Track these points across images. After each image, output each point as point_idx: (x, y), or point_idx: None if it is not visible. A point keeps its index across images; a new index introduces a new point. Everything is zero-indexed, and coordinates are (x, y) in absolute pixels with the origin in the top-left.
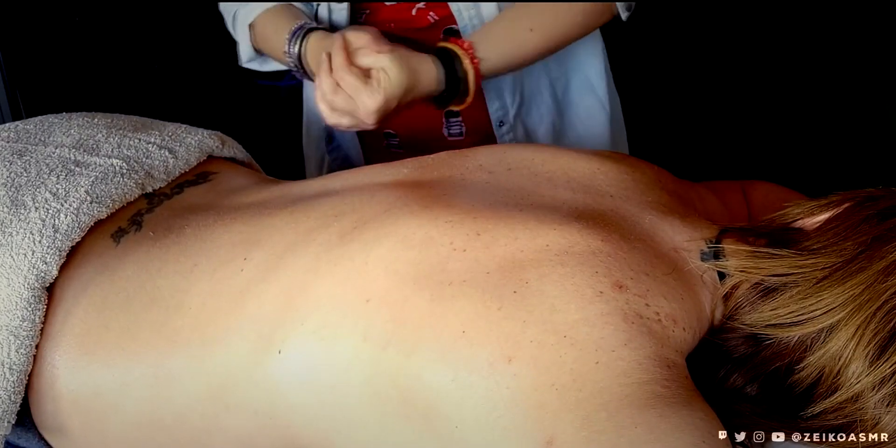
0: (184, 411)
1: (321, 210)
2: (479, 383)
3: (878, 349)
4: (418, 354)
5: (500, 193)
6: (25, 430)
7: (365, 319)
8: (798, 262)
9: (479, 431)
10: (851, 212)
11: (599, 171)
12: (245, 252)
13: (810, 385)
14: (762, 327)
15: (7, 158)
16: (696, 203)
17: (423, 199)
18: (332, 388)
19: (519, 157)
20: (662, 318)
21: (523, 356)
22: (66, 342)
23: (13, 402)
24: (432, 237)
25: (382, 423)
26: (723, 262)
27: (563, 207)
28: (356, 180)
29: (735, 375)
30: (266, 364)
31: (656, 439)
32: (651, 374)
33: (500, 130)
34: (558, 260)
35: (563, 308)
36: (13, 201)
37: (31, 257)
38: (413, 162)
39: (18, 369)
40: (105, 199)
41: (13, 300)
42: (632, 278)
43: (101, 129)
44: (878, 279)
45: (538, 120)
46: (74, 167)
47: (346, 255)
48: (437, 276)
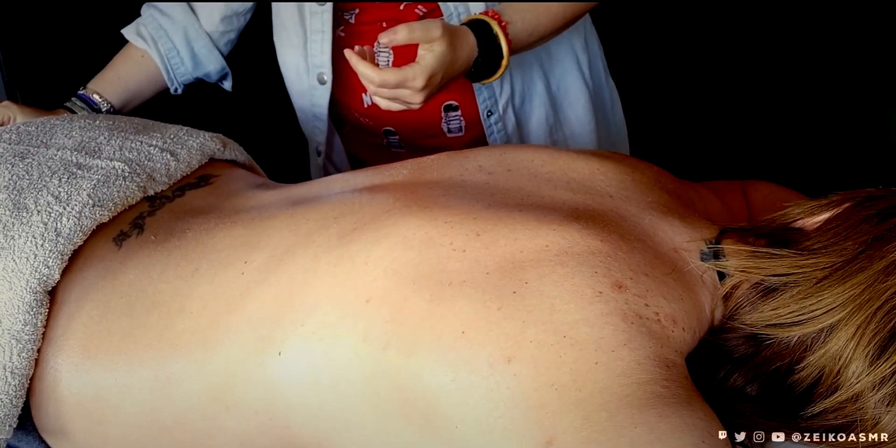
0: (184, 412)
1: (321, 212)
2: (479, 383)
3: (878, 349)
4: (418, 355)
5: (499, 194)
6: (26, 433)
7: (365, 320)
8: (798, 262)
9: (479, 431)
10: (852, 212)
11: (599, 171)
12: (245, 255)
13: (810, 385)
14: (762, 327)
15: (9, 161)
16: (696, 203)
17: (422, 200)
18: (332, 389)
19: (518, 157)
20: (662, 319)
21: (523, 356)
22: (69, 346)
23: (15, 405)
24: (432, 238)
25: (382, 424)
26: (723, 263)
27: (563, 208)
28: (356, 182)
29: (735, 375)
30: (266, 365)
31: (656, 439)
32: (651, 374)
33: (488, 121)
34: (558, 260)
35: (563, 308)
36: (15, 204)
37: (34, 261)
38: (412, 163)
39: (20, 373)
40: (107, 203)
41: (15, 304)
42: (631, 278)
43: (103, 132)
44: (878, 279)
45: (530, 111)
46: (76, 170)
47: (345, 256)
48: (437, 277)
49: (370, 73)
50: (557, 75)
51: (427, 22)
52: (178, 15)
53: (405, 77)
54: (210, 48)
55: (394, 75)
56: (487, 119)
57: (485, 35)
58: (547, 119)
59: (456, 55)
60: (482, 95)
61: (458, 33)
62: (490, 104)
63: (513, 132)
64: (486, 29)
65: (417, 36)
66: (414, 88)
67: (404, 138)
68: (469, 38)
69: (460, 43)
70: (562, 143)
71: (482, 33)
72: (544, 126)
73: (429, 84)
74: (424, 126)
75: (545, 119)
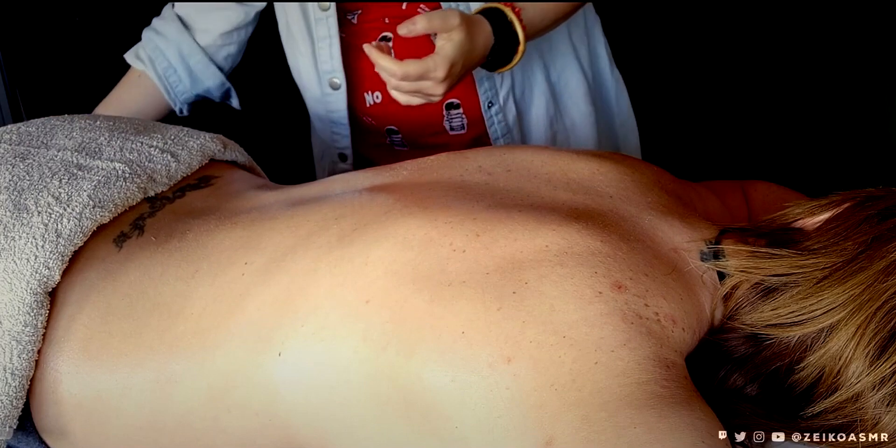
0: (185, 413)
1: (321, 213)
2: (478, 384)
3: (878, 349)
4: (418, 355)
5: (499, 195)
6: (26, 434)
7: (364, 320)
8: (798, 262)
9: (478, 431)
10: (852, 212)
11: (598, 171)
12: (246, 256)
13: (810, 385)
14: (762, 327)
15: (10, 161)
16: (695, 203)
17: (422, 201)
18: (332, 389)
19: (518, 158)
20: (662, 319)
21: (522, 356)
22: (70, 347)
23: (15, 407)
24: (432, 238)
25: (382, 424)
26: (723, 263)
27: (563, 208)
28: (356, 183)
29: (735, 375)
30: (266, 366)
31: (655, 439)
32: (650, 374)
33: (489, 112)
34: (557, 260)
35: (563, 308)
36: (16, 205)
37: (34, 262)
38: (412, 164)
39: (20, 374)
40: (107, 204)
41: (15, 305)
42: (631, 279)
43: (104, 132)
44: (878, 279)
45: (530, 102)
46: (77, 171)
47: (345, 257)
48: (437, 277)
49: (392, 66)
50: (559, 66)
51: (445, 11)
52: (171, 33)
53: (427, 68)
54: (206, 63)
55: (416, 67)
56: (488, 110)
57: (500, 22)
58: (547, 110)
59: (474, 43)
60: (483, 86)
61: (474, 21)
62: (491, 95)
63: (513, 123)
64: (500, 16)
65: (437, 24)
66: (436, 79)
67: (407, 137)
68: (485, 26)
69: (478, 31)
70: (562, 133)
71: (497, 21)
72: (544, 117)
73: (450, 74)
74: (427, 124)
75: (545, 110)
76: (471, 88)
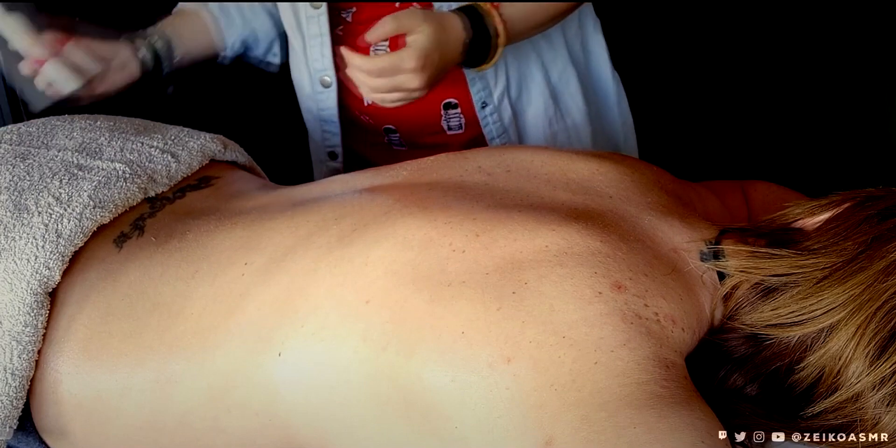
0: (185, 413)
1: (321, 213)
2: (478, 384)
3: (878, 349)
4: (418, 355)
5: (498, 195)
6: (26, 434)
7: (364, 320)
8: (798, 262)
9: (478, 431)
10: (852, 212)
11: (598, 172)
12: (245, 257)
13: (810, 385)
14: (762, 327)
15: (10, 162)
16: (695, 203)
17: (422, 201)
18: (332, 389)
19: (517, 158)
20: (661, 319)
21: (522, 356)
22: (70, 348)
23: (15, 407)
24: (431, 238)
25: (382, 424)
26: (722, 263)
27: (562, 208)
28: (356, 183)
29: (735, 375)
30: (266, 366)
31: (655, 439)
32: (650, 375)
33: (483, 112)
34: (557, 261)
35: (562, 308)
36: (16, 205)
37: (34, 262)
38: (412, 164)
39: (20, 374)
40: (108, 204)
41: (16, 305)
42: (631, 279)
43: (104, 133)
44: (878, 279)
45: (527, 102)
46: (77, 171)
47: (345, 257)
48: (437, 277)
49: (363, 62)
50: (559, 66)
51: (409, 9)
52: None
53: (398, 59)
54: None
55: (384, 59)
56: (482, 111)
57: (474, 16)
58: (546, 110)
59: (447, 34)
60: (475, 86)
61: (445, 15)
62: (484, 95)
63: (509, 124)
64: (476, 12)
65: (405, 23)
66: (408, 70)
67: (405, 136)
68: (457, 21)
69: (450, 24)
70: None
71: (472, 16)
72: (543, 117)
73: (426, 65)
74: (425, 124)
75: (544, 110)
76: (468, 88)
